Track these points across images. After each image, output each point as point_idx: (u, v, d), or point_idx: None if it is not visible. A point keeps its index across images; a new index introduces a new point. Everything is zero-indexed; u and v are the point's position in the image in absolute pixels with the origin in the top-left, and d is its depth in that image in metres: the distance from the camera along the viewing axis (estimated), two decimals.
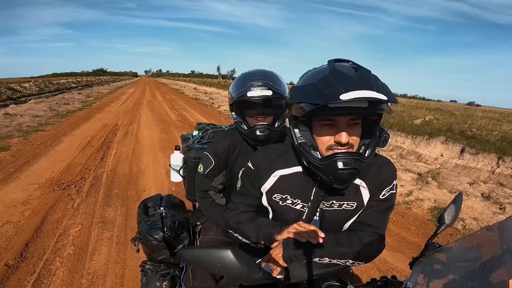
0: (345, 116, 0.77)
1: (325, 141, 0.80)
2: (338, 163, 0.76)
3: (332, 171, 0.78)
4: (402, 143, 7.12)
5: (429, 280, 0.62)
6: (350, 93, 0.68)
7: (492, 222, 3.40)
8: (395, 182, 0.93)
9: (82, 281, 2.16)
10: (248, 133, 1.27)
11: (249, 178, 1.01)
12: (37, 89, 18.64)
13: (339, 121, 0.78)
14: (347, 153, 0.77)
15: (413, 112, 10.38)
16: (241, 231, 0.99)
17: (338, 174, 0.77)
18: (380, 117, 0.80)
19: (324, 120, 0.80)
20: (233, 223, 1.01)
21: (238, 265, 0.60)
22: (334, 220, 0.94)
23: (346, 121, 0.78)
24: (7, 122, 7.82)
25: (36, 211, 3.14)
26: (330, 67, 0.76)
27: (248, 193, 1.02)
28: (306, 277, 0.87)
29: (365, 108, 0.72)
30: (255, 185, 0.99)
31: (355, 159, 0.77)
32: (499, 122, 8.62)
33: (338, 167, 0.76)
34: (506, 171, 5.05)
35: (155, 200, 1.75)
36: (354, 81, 0.70)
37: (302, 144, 0.83)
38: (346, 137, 0.77)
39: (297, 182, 0.93)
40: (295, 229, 0.85)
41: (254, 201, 1.02)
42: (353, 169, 0.76)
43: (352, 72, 0.73)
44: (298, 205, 0.94)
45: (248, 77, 1.28)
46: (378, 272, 2.42)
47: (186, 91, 26.61)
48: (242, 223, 0.99)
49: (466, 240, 0.61)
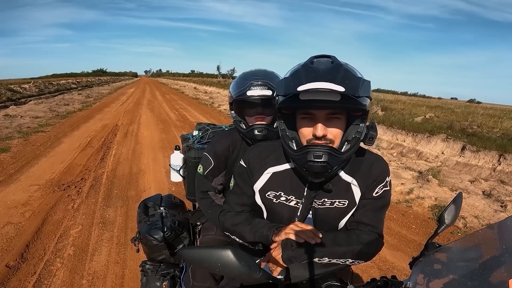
0: (320, 109, 0.79)
1: (305, 134, 0.82)
2: (309, 154, 0.78)
3: (304, 163, 0.80)
4: (403, 141, 7.11)
5: (429, 280, 0.62)
6: (307, 85, 0.71)
7: (493, 220, 3.39)
8: (388, 179, 0.92)
9: (83, 281, 2.16)
10: (246, 132, 1.28)
11: (242, 176, 1.00)
12: (37, 90, 18.66)
13: (316, 115, 0.80)
14: (319, 146, 0.79)
15: (413, 110, 10.36)
16: (238, 233, 0.98)
17: (308, 165, 0.79)
18: (364, 113, 0.80)
19: (303, 113, 0.82)
20: (229, 225, 1.00)
21: (238, 265, 0.60)
22: (327, 218, 0.94)
23: (324, 114, 0.79)
24: (7, 124, 7.82)
25: (36, 212, 3.14)
26: (307, 61, 0.80)
27: (241, 191, 1.01)
28: (306, 277, 0.87)
29: (339, 102, 0.73)
30: (248, 183, 0.99)
31: (327, 152, 0.78)
32: (500, 119, 8.59)
33: (309, 159, 0.78)
34: (507, 168, 5.04)
35: (155, 200, 1.75)
36: (317, 74, 0.74)
37: (283, 136, 0.85)
38: (322, 129, 0.78)
39: (289, 179, 0.94)
40: (293, 229, 0.85)
41: (248, 200, 1.01)
42: (324, 162, 0.77)
43: (324, 66, 0.76)
44: (292, 202, 0.94)
45: (249, 76, 1.28)
46: (378, 271, 2.41)
47: (186, 91, 26.61)
48: (239, 225, 0.98)
49: (466, 240, 0.60)
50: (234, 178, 1.04)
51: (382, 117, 8.85)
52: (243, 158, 1.01)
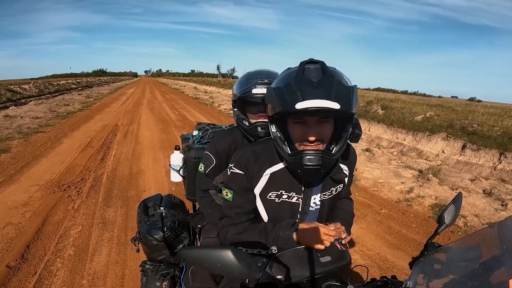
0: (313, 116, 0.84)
1: (297, 137, 0.88)
2: (304, 159, 0.84)
3: (299, 166, 0.85)
4: (403, 140, 7.11)
5: (429, 280, 0.62)
6: (304, 103, 0.77)
7: (493, 219, 3.39)
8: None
9: (83, 281, 2.17)
10: (249, 129, 1.29)
11: (241, 184, 0.98)
12: (37, 91, 18.67)
13: (308, 120, 0.85)
14: (313, 151, 0.84)
15: (413, 109, 10.33)
16: (244, 242, 0.95)
17: (303, 169, 0.85)
18: (351, 116, 0.86)
19: (295, 118, 0.86)
20: (232, 236, 0.97)
21: (238, 266, 0.60)
22: (330, 205, 1.06)
23: (316, 119, 0.85)
24: (7, 124, 7.82)
25: (37, 213, 3.15)
26: (299, 70, 0.83)
27: (243, 200, 0.99)
28: (306, 277, 0.87)
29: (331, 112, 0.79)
30: (249, 189, 0.98)
31: (320, 156, 0.84)
32: (501, 118, 8.57)
33: (304, 163, 0.84)
34: (508, 167, 5.04)
35: (155, 200, 1.75)
36: (312, 89, 0.78)
37: (276, 139, 0.89)
38: (314, 134, 0.84)
39: (287, 176, 0.97)
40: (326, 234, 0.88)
41: (250, 206, 1.00)
42: (318, 165, 0.84)
43: (316, 77, 0.80)
44: (294, 198, 0.97)
45: (254, 75, 1.30)
46: (378, 270, 2.41)
47: (186, 91, 26.60)
48: (244, 233, 0.96)
49: (466, 240, 0.60)
50: (231, 189, 1.00)
51: (382, 116, 8.84)
52: (233, 166, 0.99)
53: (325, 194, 1.00)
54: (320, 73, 0.81)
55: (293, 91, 0.79)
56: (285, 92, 0.81)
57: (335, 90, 0.78)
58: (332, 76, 0.81)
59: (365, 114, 9.11)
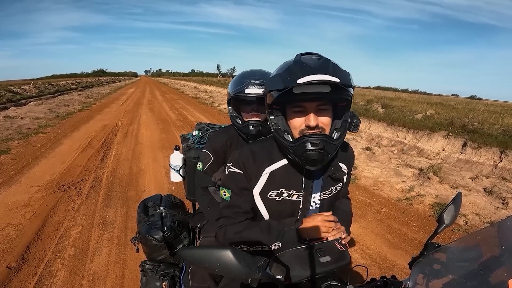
0: (312, 101, 0.84)
1: (297, 126, 0.87)
2: (307, 144, 0.84)
3: (302, 152, 0.85)
4: (404, 138, 7.10)
5: (429, 280, 0.62)
6: (306, 77, 0.78)
7: (494, 217, 3.38)
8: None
9: (83, 282, 2.17)
10: (242, 127, 1.33)
11: (239, 184, 0.97)
12: (37, 91, 18.65)
13: (307, 107, 0.85)
14: (315, 135, 0.85)
15: (414, 107, 10.32)
16: (244, 240, 0.94)
17: (307, 154, 0.84)
18: (349, 103, 0.88)
19: (295, 106, 0.87)
20: (231, 235, 0.96)
21: (237, 265, 0.60)
22: (330, 204, 1.05)
23: (315, 106, 0.85)
24: (8, 125, 7.83)
25: (37, 213, 3.15)
26: (296, 58, 0.87)
27: (242, 200, 0.98)
28: (306, 277, 0.86)
29: (329, 93, 0.80)
30: (248, 188, 0.97)
31: (322, 140, 0.84)
32: (501, 116, 8.57)
33: (307, 148, 0.84)
34: (508, 165, 5.03)
35: (155, 200, 1.75)
36: (312, 68, 0.80)
37: (277, 130, 0.90)
38: (314, 119, 0.85)
39: (287, 174, 0.96)
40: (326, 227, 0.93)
41: (248, 206, 0.99)
42: (321, 149, 0.84)
43: (313, 61, 0.83)
44: (294, 196, 0.97)
45: (247, 75, 1.33)
46: (378, 269, 2.40)
47: (186, 90, 26.60)
48: (243, 231, 0.95)
49: (466, 240, 0.60)
50: (229, 188, 0.99)
51: (382, 114, 8.83)
52: (231, 165, 0.97)
53: (325, 193, 1.00)
54: (317, 59, 0.84)
55: (293, 71, 0.82)
56: (285, 74, 0.83)
57: (333, 68, 0.81)
58: (329, 60, 0.85)
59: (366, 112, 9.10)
